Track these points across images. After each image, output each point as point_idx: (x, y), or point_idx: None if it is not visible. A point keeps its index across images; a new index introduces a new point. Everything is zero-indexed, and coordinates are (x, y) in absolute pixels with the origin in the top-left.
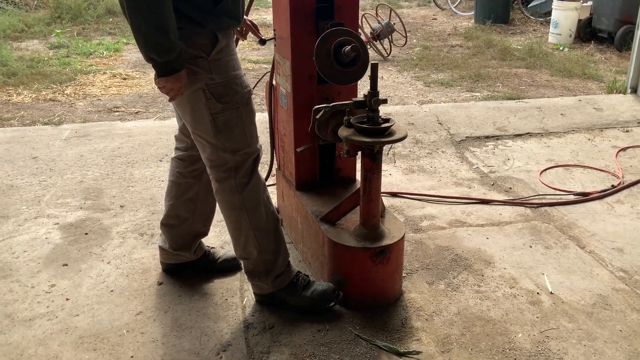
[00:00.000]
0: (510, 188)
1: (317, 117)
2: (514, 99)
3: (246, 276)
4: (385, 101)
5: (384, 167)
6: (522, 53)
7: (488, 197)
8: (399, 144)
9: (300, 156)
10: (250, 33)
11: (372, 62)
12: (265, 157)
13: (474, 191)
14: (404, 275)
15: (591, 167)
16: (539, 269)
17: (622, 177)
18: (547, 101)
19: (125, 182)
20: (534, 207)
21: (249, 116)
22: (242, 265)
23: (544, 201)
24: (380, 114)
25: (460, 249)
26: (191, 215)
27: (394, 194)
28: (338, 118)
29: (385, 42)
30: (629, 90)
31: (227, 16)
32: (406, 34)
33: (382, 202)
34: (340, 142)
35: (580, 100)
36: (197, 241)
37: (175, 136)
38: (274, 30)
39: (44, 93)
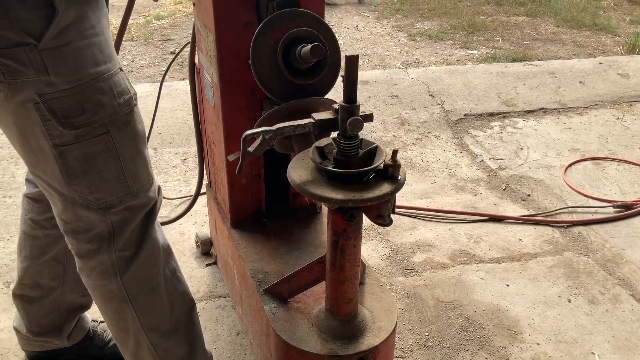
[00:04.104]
0: (529, 195)
1: (251, 149)
2: (520, 60)
3: None
4: (370, 118)
5: None
6: None
7: (501, 210)
8: (379, 125)
9: (237, 178)
10: None
11: (349, 53)
12: (191, 160)
13: (481, 200)
14: None
15: (628, 161)
16: (586, 344)
17: None
18: (562, 64)
19: (1, 188)
20: (563, 227)
21: (131, 144)
22: None
23: (575, 217)
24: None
25: (472, 307)
26: (60, 283)
27: None
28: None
29: None
30: None
31: None
32: None
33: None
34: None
35: (601, 63)
36: (73, 319)
37: None
38: None
39: None
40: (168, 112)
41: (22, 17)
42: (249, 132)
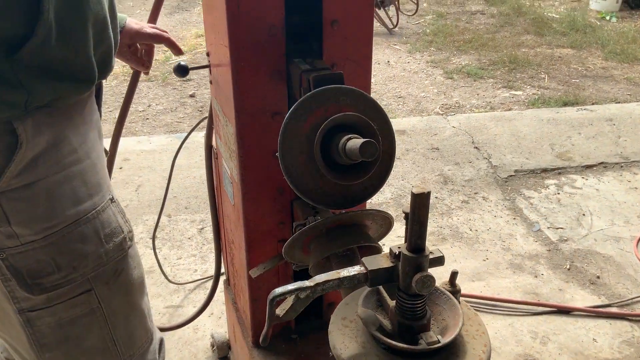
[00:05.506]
0: (598, 277)
1: (281, 313)
2: (572, 104)
3: None
4: (440, 261)
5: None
6: (562, 25)
7: (567, 298)
8: (417, 182)
9: (260, 292)
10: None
11: (417, 188)
12: (209, 230)
13: (544, 283)
14: None
15: None
16: None
17: None
18: (619, 109)
19: None
20: None
21: (123, 299)
22: None
23: None
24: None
25: None
26: None
27: None
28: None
29: (391, 9)
30: None
31: (48, 74)
32: (417, 0)
33: None
34: None
35: None
36: None
37: None
38: (207, 53)
39: None
40: (184, 169)
41: None
42: (277, 291)
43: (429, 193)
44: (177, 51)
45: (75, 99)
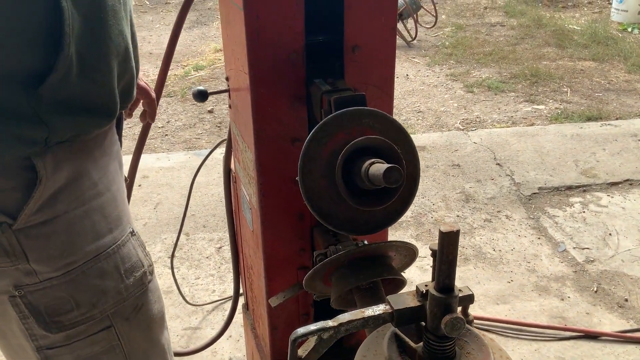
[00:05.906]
0: (626, 300)
1: (303, 355)
2: (596, 119)
3: None
4: (471, 299)
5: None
6: (583, 37)
7: (595, 322)
8: (440, 203)
9: (280, 318)
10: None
11: (445, 226)
12: (227, 249)
13: (570, 307)
14: None
15: None
16: None
17: None
18: None
19: None
20: None
21: (142, 335)
22: None
23: None
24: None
25: None
26: None
27: None
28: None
29: (409, 22)
30: None
31: (69, 109)
32: (436, 12)
33: None
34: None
35: None
36: None
37: None
38: (227, 78)
39: None
40: (203, 187)
41: None
42: (300, 331)
43: (458, 231)
44: (151, 117)
45: (96, 132)
